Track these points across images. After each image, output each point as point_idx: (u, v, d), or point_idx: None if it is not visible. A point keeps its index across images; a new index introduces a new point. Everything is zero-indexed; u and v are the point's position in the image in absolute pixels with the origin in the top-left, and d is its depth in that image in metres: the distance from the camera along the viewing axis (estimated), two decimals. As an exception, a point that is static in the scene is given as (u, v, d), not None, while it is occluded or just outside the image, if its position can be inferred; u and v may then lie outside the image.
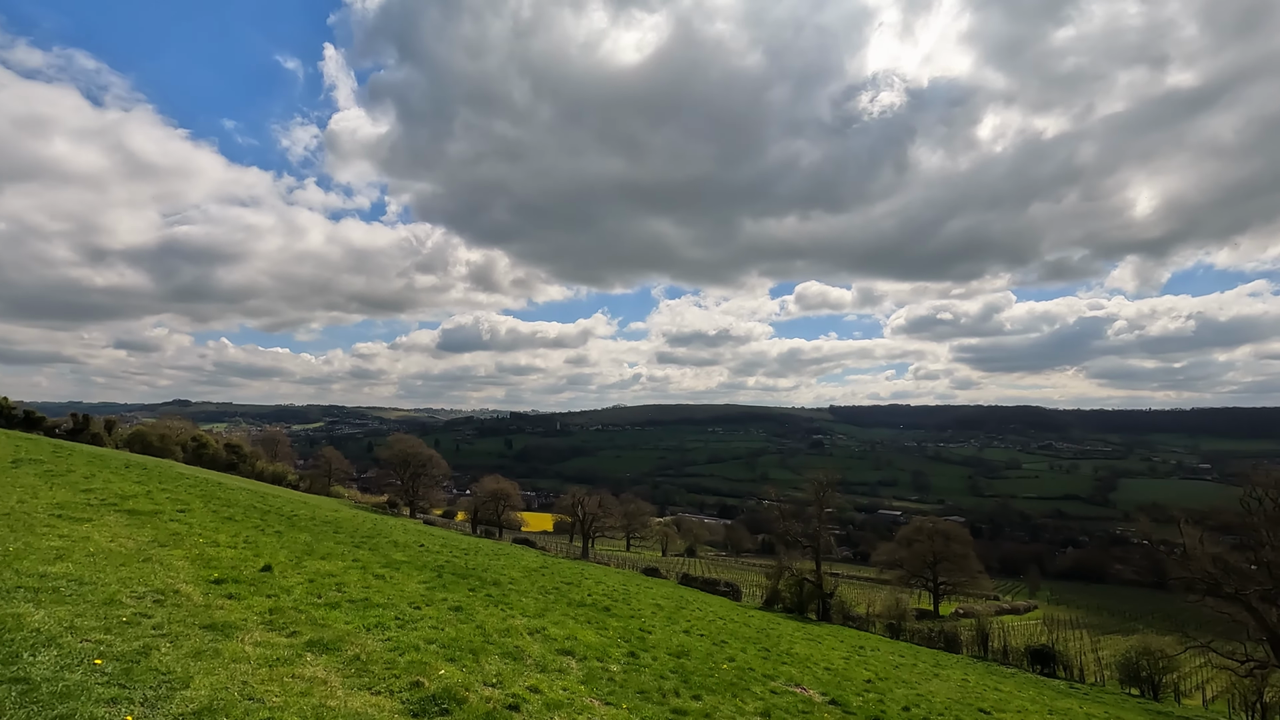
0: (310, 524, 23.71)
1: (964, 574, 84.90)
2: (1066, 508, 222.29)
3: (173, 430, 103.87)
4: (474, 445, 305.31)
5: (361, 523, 33.04)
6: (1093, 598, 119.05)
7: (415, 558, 20.20)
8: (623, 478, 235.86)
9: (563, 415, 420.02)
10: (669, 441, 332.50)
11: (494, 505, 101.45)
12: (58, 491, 15.16)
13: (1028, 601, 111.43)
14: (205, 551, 11.94)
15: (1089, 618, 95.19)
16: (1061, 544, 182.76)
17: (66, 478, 18.48)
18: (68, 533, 10.72)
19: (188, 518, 15.94)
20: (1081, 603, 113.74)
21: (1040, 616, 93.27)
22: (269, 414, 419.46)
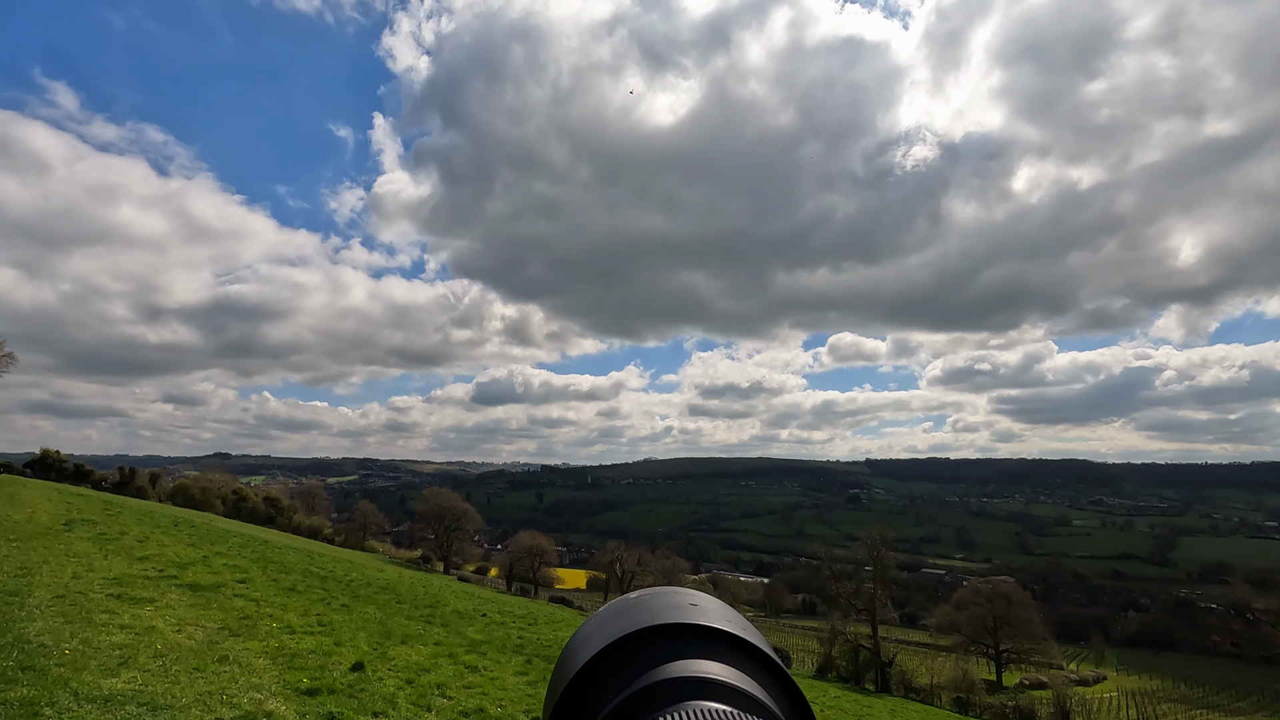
0: (368, 591, 21.77)
1: (1029, 640, 78.74)
2: (1124, 567, 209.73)
3: (214, 483, 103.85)
4: (505, 499, 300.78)
5: (412, 585, 30.97)
6: (1166, 666, 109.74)
7: (490, 634, 18.05)
8: (655, 532, 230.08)
9: (594, 468, 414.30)
10: (702, 495, 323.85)
11: (529, 562, 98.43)
12: (113, 561, 13.53)
13: (1096, 671, 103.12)
14: (282, 641, 10.08)
15: (1174, 690, 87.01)
16: (1121, 607, 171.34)
17: (120, 541, 16.93)
18: (130, 621, 8.95)
19: (250, 590, 14.17)
20: (1155, 672, 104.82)
21: (1115, 688, 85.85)
22: (306, 466, 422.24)
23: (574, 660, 0.50)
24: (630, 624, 0.50)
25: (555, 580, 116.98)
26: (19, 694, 5.48)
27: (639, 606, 0.51)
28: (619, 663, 0.50)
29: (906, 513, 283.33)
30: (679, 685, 0.49)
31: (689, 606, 0.50)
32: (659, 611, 0.50)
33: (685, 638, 0.50)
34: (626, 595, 0.55)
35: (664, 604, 0.51)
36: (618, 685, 0.49)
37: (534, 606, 43.97)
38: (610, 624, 0.51)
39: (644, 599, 0.51)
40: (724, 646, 0.50)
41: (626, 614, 0.51)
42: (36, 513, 18.91)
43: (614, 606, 0.52)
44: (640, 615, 0.50)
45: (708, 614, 0.50)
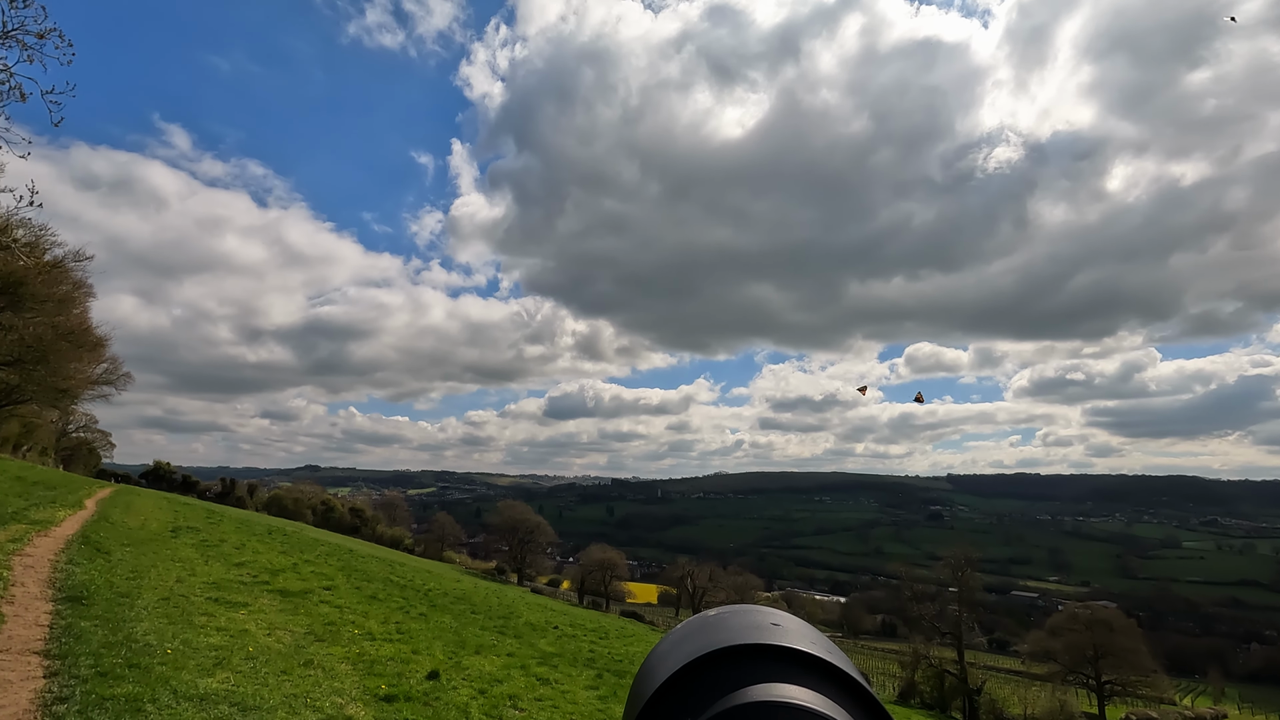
0: (445, 601, 22.32)
1: (1135, 671, 72.54)
2: (1244, 595, 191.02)
3: (305, 495, 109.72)
4: (576, 512, 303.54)
5: (486, 596, 31.55)
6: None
7: (561, 647, 18.13)
8: (726, 548, 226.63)
9: (664, 482, 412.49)
10: (773, 511, 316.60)
11: (600, 575, 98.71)
12: (213, 566, 14.39)
13: (1215, 709, 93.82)
14: (363, 648, 10.41)
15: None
16: (1242, 638, 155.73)
17: (219, 549, 18.01)
18: (225, 624, 9.45)
19: (335, 598, 14.75)
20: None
21: (1238, 729, 77.94)
22: (387, 479, 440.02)
23: (651, 679, 0.48)
24: (709, 643, 0.48)
25: (626, 594, 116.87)
26: (125, 690, 5.84)
27: (718, 625, 0.49)
28: (698, 683, 0.47)
29: (992, 531, 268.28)
30: (762, 710, 0.46)
31: (770, 626, 0.48)
32: (739, 631, 0.48)
33: (767, 659, 0.47)
34: (704, 613, 0.51)
35: (744, 623, 0.49)
36: (696, 707, 0.47)
37: (605, 620, 43.99)
38: (688, 642, 0.48)
39: (723, 617, 0.49)
40: (808, 670, 0.47)
41: (705, 632, 0.49)
42: (148, 520, 20.40)
43: (692, 624, 0.50)
44: (719, 634, 0.48)
45: (790, 635, 0.48)
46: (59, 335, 30.79)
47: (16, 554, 10.53)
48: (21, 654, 6.30)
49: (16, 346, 29.99)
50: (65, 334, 31.51)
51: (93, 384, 41.80)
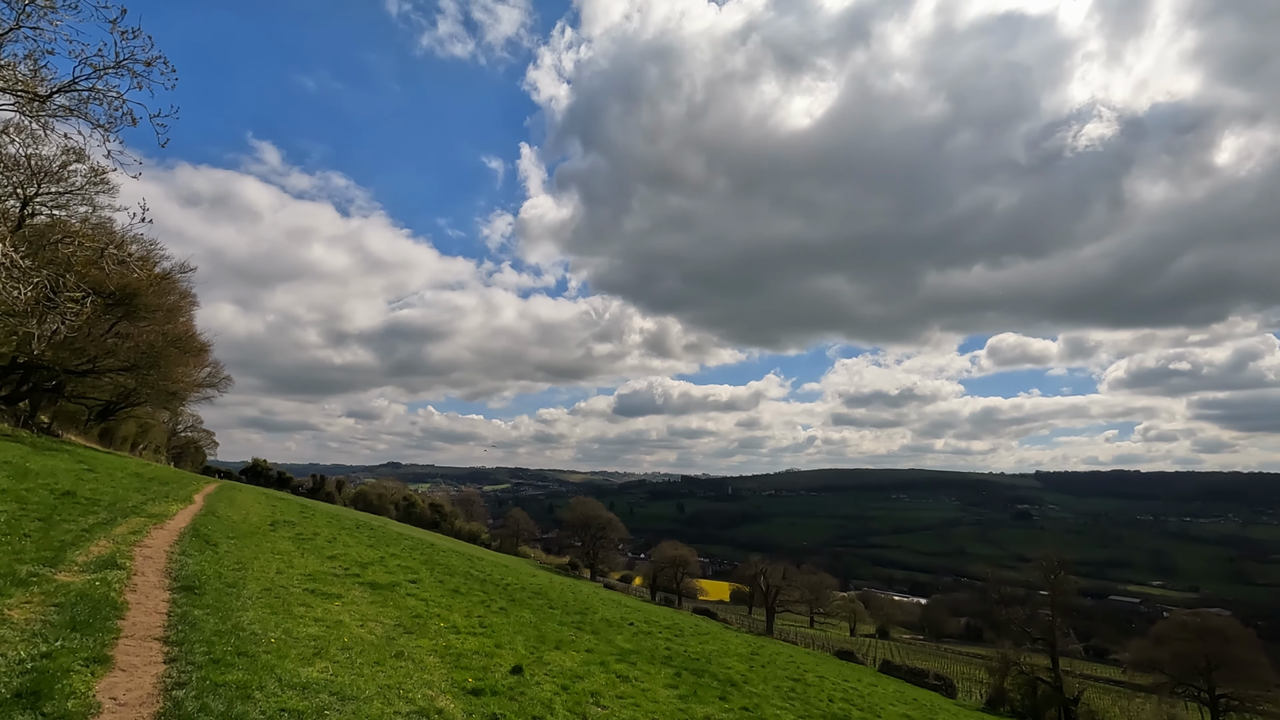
0: (523, 595, 22.75)
1: (1254, 685, 66.44)
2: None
3: (388, 490, 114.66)
4: (646, 508, 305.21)
5: (562, 592, 32.01)
6: None
7: (639, 644, 18.15)
8: (799, 547, 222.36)
9: (734, 479, 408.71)
10: (848, 509, 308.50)
11: (672, 572, 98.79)
12: (308, 559, 15.13)
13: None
14: (449, 641, 10.69)
15: None
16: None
17: (313, 542, 18.95)
18: (322, 615, 9.88)
19: (420, 591, 15.25)
20: None
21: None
22: (464, 475, 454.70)
23: None
24: None
25: (698, 591, 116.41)
26: (235, 677, 6.16)
27: None
28: None
29: (1087, 532, 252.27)
30: None
31: None
32: None
33: None
34: None
35: None
36: None
37: (679, 617, 43.94)
38: None
39: None
40: None
41: None
42: (249, 515, 21.73)
43: None
44: None
45: None
46: (168, 342, 33.27)
47: (136, 545, 11.35)
48: (144, 640, 6.74)
49: (132, 353, 32.56)
50: (174, 340, 34.02)
51: (198, 387, 44.99)
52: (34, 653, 5.52)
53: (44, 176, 30.87)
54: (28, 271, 15.84)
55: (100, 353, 31.71)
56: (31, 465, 18.05)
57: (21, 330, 25.67)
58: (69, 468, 21.00)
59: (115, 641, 6.40)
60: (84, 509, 13.09)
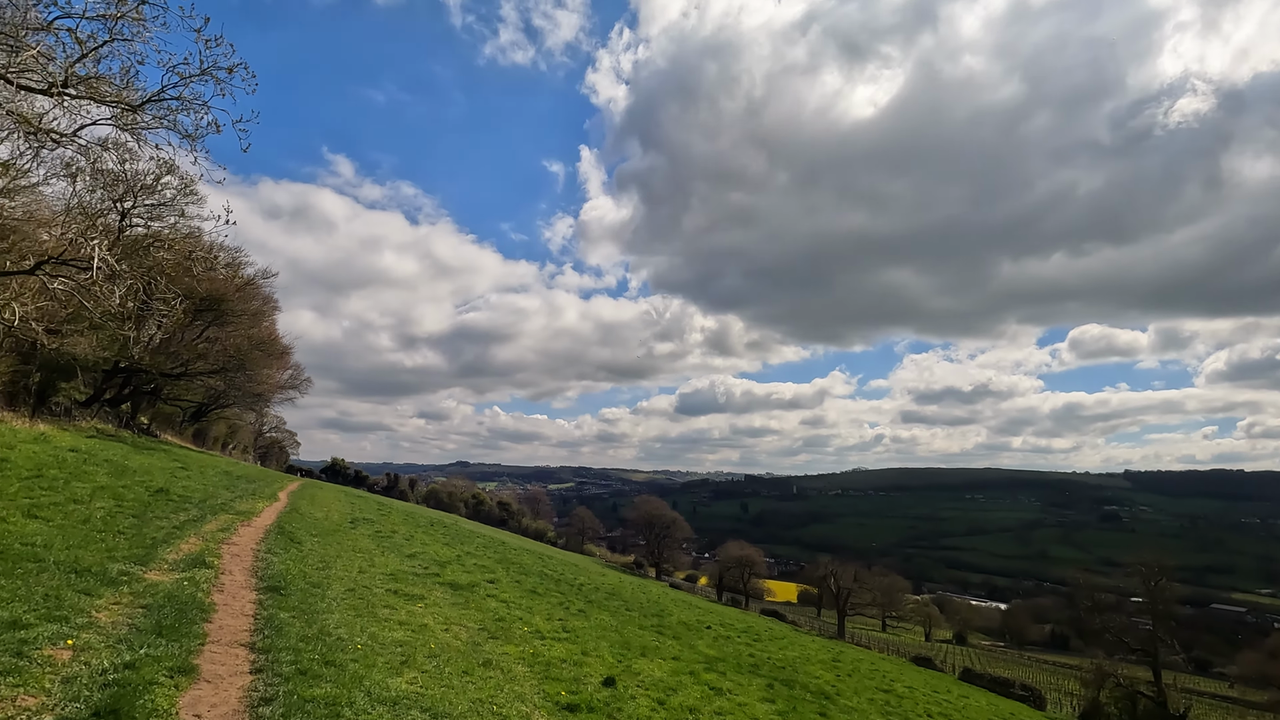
0: (598, 596, 22.21)
1: (1388, 706, 59.88)
2: None
3: (458, 489, 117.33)
4: (710, 508, 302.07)
5: (634, 592, 31.41)
6: None
7: (722, 650, 17.28)
8: (868, 548, 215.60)
9: (799, 479, 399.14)
10: (919, 509, 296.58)
11: (739, 572, 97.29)
12: (388, 557, 14.95)
13: None
14: (535, 647, 10.12)
15: None
16: None
17: (392, 539, 18.91)
18: (406, 617, 9.47)
19: (499, 591, 14.85)
20: None
21: None
22: (529, 474, 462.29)
23: None
24: None
25: (765, 592, 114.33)
26: (323, 691, 5.67)
27: None
28: None
29: (1184, 536, 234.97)
30: None
31: None
32: None
33: None
34: None
35: None
36: None
37: (751, 619, 42.72)
38: None
39: None
40: None
41: None
42: (331, 512, 22.01)
43: None
44: None
45: None
46: (253, 345, 34.50)
47: (224, 543, 11.28)
48: (231, 646, 6.38)
49: (221, 356, 33.90)
50: (258, 344, 35.27)
51: (281, 389, 46.74)
52: (117, 662, 5.17)
53: (139, 189, 32.48)
54: (122, 274, 16.33)
55: (192, 356, 33.09)
56: (130, 463, 18.67)
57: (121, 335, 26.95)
58: (164, 465, 21.75)
59: (201, 649, 6.04)
60: (176, 506, 13.23)
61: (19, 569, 6.39)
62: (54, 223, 22.19)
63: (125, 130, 17.64)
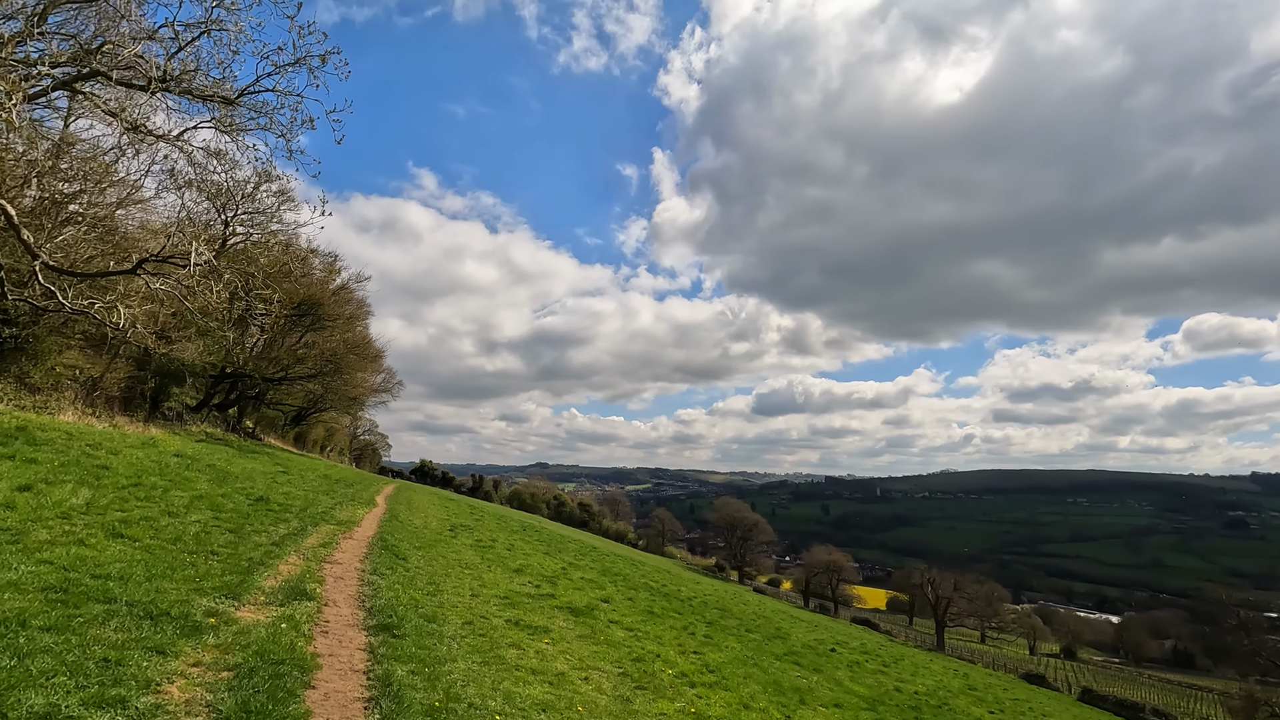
0: (711, 613, 20.11)
1: None
2: None
3: (539, 490, 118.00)
4: (790, 510, 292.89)
5: (739, 605, 29.11)
6: None
7: (870, 685, 14.85)
8: (958, 553, 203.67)
9: (882, 480, 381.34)
10: (1015, 513, 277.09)
11: (826, 578, 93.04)
12: (496, 574, 13.40)
13: None
14: (688, 699, 8.16)
15: None
16: None
17: (493, 550, 17.49)
18: (537, 662, 7.68)
19: (617, 613, 13.03)
20: None
21: None
22: (606, 475, 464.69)
23: None
24: None
25: (854, 599, 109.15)
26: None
27: None
28: None
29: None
30: None
31: None
32: None
33: None
34: None
35: None
36: None
37: (858, 634, 39.53)
38: None
39: None
40: None
41: None
42: (429, 519, 20.92)
43: None
44: None
45: None
46: (348, 348, 34.49)
47: (327, 560, 9.91)
48: None
49: (318, 361, 34.01)
50: (353, 347, 35.27)
51: (375, 392, 47.19)
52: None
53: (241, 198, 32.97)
54: (218, 269, 15.58)
55: (291, 361, 33.27)
56: (233, 468, 18.06)
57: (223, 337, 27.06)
58: (266, 470, 21.26)
59: (303, 734, 4.37)
60: (275, 516, 12.07)
61: (80, 616, 4.93)
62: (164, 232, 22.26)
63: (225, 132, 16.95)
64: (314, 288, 32.31)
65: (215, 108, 16.17)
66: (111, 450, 13.87)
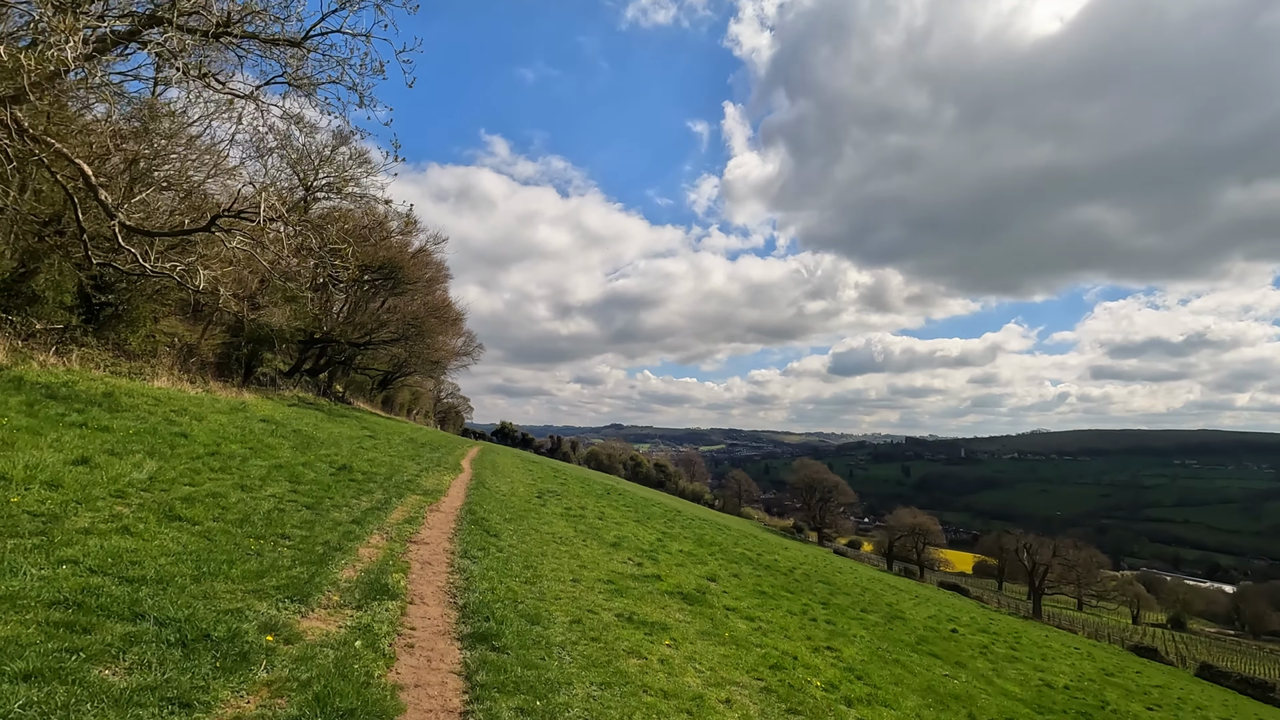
0: (820, 589, 18.33)
1: None
2: None
3: (616, 451, 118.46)
4: (868, 471, 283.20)
5: (840, 575, 27.18)
6: None
7: (1017, 679, 12.76)
8: (1051, 517, 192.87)
9: (967, 441, 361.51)
10: (1115, 475, 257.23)
11: (912, 541, 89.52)
12: (593, 549, 12.02)
13: None
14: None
15: None
16: None
17: (584, 520, 16.23)
18: (666, 680, 6.10)
19: (731, 600, 11.44)
20: None
21: None
22: (680, 436, 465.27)
23: None
24: None
25: (941, 562, 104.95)
26: None
27: None
28: None
29: None
30: None
31: None
32: None
33: None
34: None
35: None
36: None
37: (967, 606, 36.93)
38: None
39: None
40: None
41: None
42: (515, 485, 19.93)
43: None
44: None
45: None
46: (429, 311, 34.03)
47: (413, 540, 8.68)
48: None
49: (400, 325, 33.74)
50: (433, 310, 34.82)
51: (456, 355, 47.17)
52: None
53: (320, 161, 32.60)
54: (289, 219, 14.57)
55: (374, 325, 33.10)
56: (319, 433, 17.47)
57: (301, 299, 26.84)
58: (352, 434, 20.77)
59: None
60: (358, 487, 11.03)
61: (85, 650, 3.60)
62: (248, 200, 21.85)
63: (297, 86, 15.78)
64: (393, 250, 31.75)
65: (284, 53, 15.08)
66: (196, 416, 13.24)
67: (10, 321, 15.24)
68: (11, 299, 15.68)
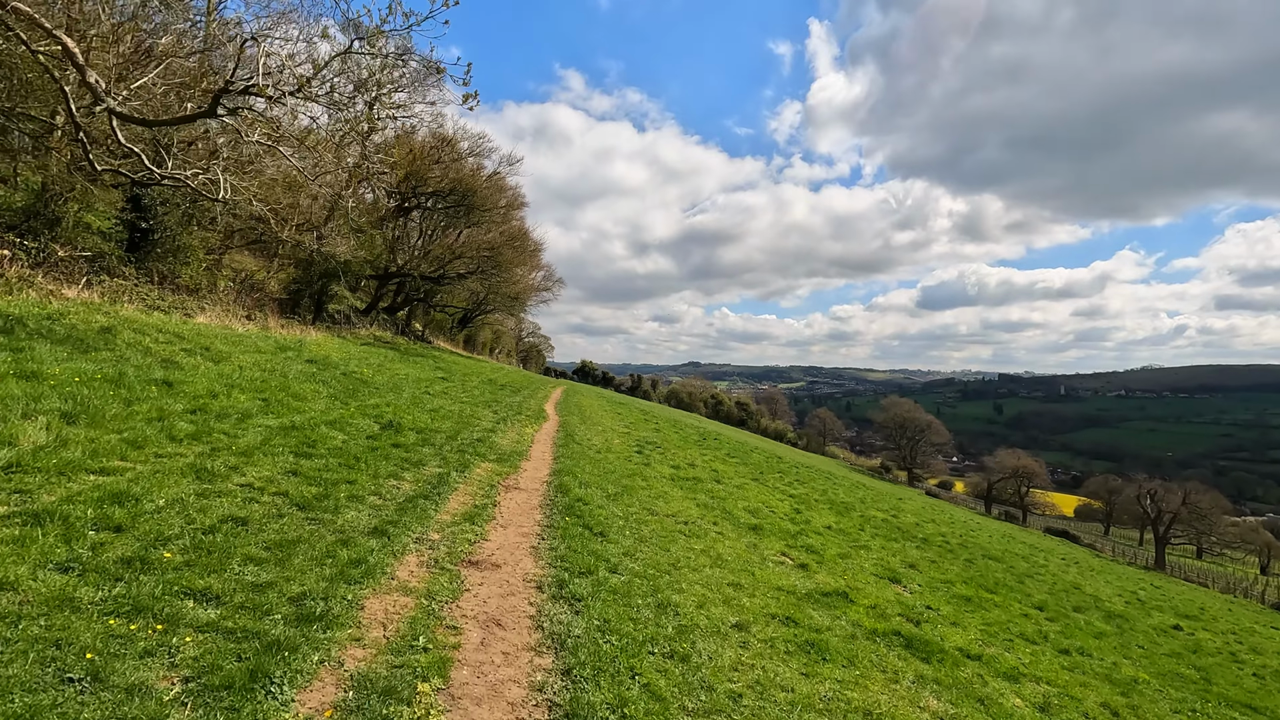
0: (976, 557, 14.17)
1: None
2: None
3: (696, 389, 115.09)
4: (956, 409, 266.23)
5: (982, 538, 22.77)
6: None
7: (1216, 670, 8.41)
8: (1161, 458, 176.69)
9: (1066, 377, 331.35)
10: (1237, 414, 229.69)
11: (1014, 484, 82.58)
12: (728, 537, 8.34)
13: None
14: None
15: None
16: None
17: (700, 483, 12.60)
18: None
19: (961, 636, 7.59)
20: None
21: None
22: (758, 374, 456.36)
23: None
24: None
25: (1046, 507, 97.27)
26: None
27: None
28: None
29: None
30: None
31: None
32: None
33: None
34: None
35: None
36: None
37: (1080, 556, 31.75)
38: None
39: None
40: None
41: None
42: (610, 437, 16.49)
43: None
44: None
45: None
46: (505, 241, 30.73)
47: (471, 562, 5.20)
48: None
49: (476, 256, 30.65)
50: (510, 239, 31.49)
51: (535, 291, 44.17)
52: None
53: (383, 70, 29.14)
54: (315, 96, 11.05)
55: (449, 257, 30.13)
56: (379, 377, 14.47)
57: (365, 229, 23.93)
58: (422, 376, 17.83)
59: None
60: (402, 458, 7.66)
61: None
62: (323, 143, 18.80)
63: None
64: (465, 174, 28.28)
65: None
66: (214, 357, 10.24)
67: (25, 247, 12.82)
68: (27, 221, 13.25)
